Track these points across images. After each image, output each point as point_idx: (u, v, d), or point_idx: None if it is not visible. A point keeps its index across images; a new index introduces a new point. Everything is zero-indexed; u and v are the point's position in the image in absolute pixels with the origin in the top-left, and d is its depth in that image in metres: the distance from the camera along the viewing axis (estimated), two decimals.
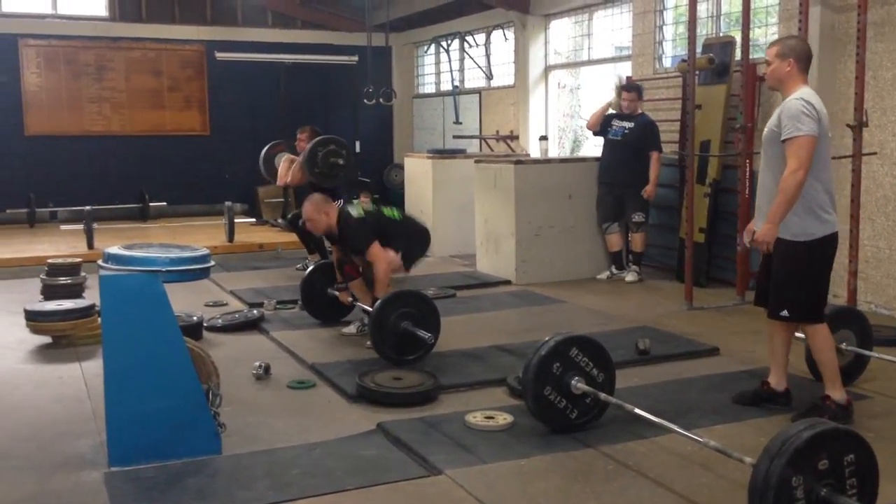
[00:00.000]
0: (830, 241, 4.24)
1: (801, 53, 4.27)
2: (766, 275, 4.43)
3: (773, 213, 4.13)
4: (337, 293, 6.25)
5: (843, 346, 4.83)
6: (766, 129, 4.32)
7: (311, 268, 6.81)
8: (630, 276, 8.17)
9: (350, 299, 6.15)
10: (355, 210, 5.96)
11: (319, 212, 5.92)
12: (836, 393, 4.29)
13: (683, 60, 7.61)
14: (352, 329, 6.13)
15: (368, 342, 5.79)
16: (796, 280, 4.23)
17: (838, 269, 6.90)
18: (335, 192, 7.50)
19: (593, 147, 12.44)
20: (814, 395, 4.63)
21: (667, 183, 8.56)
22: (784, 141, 4.11)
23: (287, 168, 8.47)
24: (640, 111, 8.21)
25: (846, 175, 6.40)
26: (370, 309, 5.52)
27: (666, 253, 8.61)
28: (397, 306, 5.35)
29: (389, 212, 6.14)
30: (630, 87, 8.26)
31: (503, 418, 4.28)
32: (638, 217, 8.09)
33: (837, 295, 6.95)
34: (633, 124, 8.10)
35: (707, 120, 7.71)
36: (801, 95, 4.18)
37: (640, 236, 8.17)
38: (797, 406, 4.39)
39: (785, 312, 4.27)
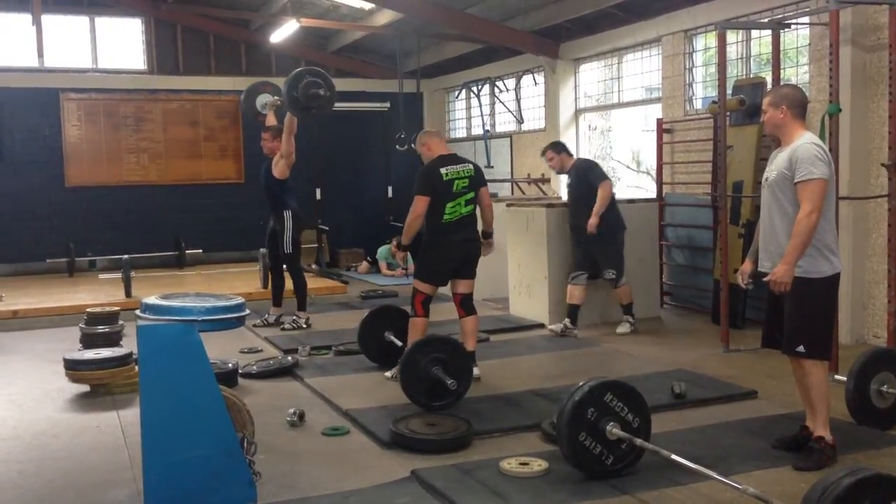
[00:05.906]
0: (837, 281, 4.38)
1: (793, 101, 4.37)
2: (773, 316, 4.49)
3: (790, 255, 4.19)
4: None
5: (885, 388, 4.76)
6: (772, 173, 4.39)
7: (368, 312, 6.68)
8: (622, 328, 7.76)
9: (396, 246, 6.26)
10: (442, 168, 5.96)
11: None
12: (828, 433, 4.31)
13: (714, 102, 7.62)
14: (396, 372, 6.05)
15: None
16: (811, 316, 4.29)
17: (878, 309, 6.84)
18: (284, 202, 7.98)
19: (625, 188, 12.52)
20: (853, 437, 4.56)
21: (700, 224, 8.51)
22: (797, 183, 4.21)
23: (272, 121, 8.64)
24: (571, 164, 7.79)
25: (882, 214, 6.33)
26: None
27: (700, 294, 8.53)
28: (428, 351, 5.37)
29: (453, 205, 5.95)
30: (546, 148, 7.93)
31: (538, 465, 4.25)
32: (609, 274, 7.65)
33: (878, 336, 6.83)
34: (570, 178, 7.86)
35: (739, 160, 7.69)
36: (813, 140, 4.30)
37: (622, 290, 7.74)
38: (840, 451, 4.31)
39: (801, 348, 4.31)
